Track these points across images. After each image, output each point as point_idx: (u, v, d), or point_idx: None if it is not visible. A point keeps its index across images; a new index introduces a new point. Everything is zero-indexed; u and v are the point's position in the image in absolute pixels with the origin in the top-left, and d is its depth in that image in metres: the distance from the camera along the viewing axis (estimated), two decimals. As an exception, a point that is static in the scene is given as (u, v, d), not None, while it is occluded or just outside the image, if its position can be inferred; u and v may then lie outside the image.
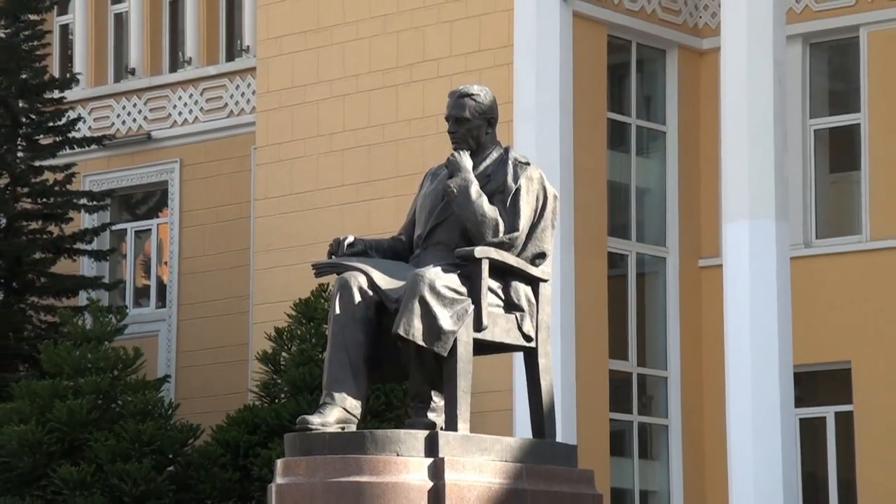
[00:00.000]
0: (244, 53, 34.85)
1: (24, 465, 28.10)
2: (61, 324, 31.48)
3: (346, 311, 15.19)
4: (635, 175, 31.23)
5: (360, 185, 29.96)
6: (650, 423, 30.96)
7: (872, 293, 29.18)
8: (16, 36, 33.84)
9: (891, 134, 29.60)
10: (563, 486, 16.04)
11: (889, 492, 28.77)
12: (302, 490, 15.16)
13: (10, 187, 33.74)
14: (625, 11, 30.48)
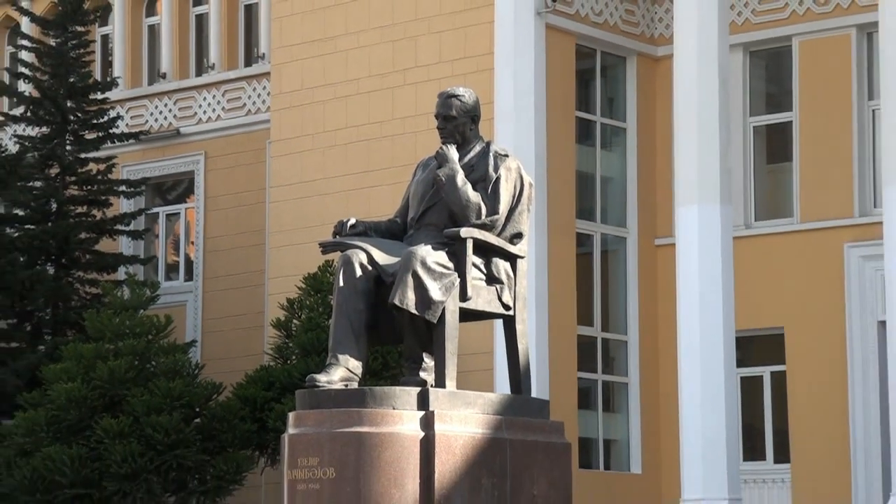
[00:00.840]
0: (260, 60, 34.71)
1: (71, 418, 28.02)
2: (103, 295, 31.38)
3: (348, 284, 15.19)
4: (600, 166, 31.15)
5: (360, 175, 29.88)
6: (612, 380, 30.91)
7: (802, 268, 29.16)
8: (64, 45, 33.68)
9: (818, 130, 29.59)
10: (538, 435, 16.01)
11: (816, 439, 28.79)
12: (310, 439, 15.14)
13: (60, 176, 33.62)
14: (590, 24, 30.40)
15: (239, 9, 35.98)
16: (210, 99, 35.81)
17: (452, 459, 15.04)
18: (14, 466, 28.25)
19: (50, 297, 32.96)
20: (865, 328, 28.67)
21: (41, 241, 33.05)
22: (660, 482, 29.74)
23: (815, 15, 29.75)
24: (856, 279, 28.92)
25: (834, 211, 29.40)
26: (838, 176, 29.44)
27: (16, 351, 32.43)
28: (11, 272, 32.15)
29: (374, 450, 14.79)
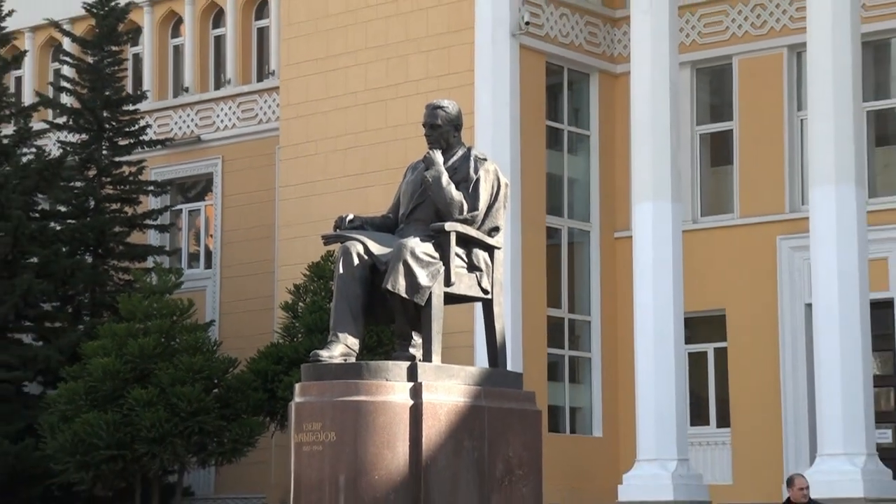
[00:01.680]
0: (271, 76, 34.60)
1: (106, 388, 27.92)
2: (134, 281, 31.33)
3: (347, 271, 15.10)
4: (567, 168, 31.06)
5: (358, 176, 29.79)
6: (577, 356, 30.84)
7: (741, 258, 29.12)
8: (101, 62, 33.56)
9: (754, 136, 29.55)
10: (512, 403, 15.94)
11: (752, 407, 28.75)
12: (314, 407, 15.05)
13: (97, 177, 33.51)
14: (558, 44, 30.32)
15: (252, 31, 35.86)
16: (227, 110, 35.69)
17: (438, 425, 14.97)
18: (57, 431, 28.16)
19: (88, 283, 32.85)
20: (794, 310, 28.64)
21: (80, 233, 32.95)
22: (618, 444, 29.67)
23: (752, 37, 29.75)
24: (786, 267, 28.88)
25: (768, 208, 29.35)
26: (772, 177, 29.40)
27: (59, 330, 32.38)
28: (55, 261, 32.05)
29: (370, 416, 14.72)
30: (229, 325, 33.57)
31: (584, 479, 28.72)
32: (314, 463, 14.86)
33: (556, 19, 30.37)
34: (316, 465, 14.85)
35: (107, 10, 33.69)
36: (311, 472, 14.89)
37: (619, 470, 27.64)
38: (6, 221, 31.04)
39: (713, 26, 30.22)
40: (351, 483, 14.65)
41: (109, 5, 33.71)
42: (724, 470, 28.91)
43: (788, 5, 29.10)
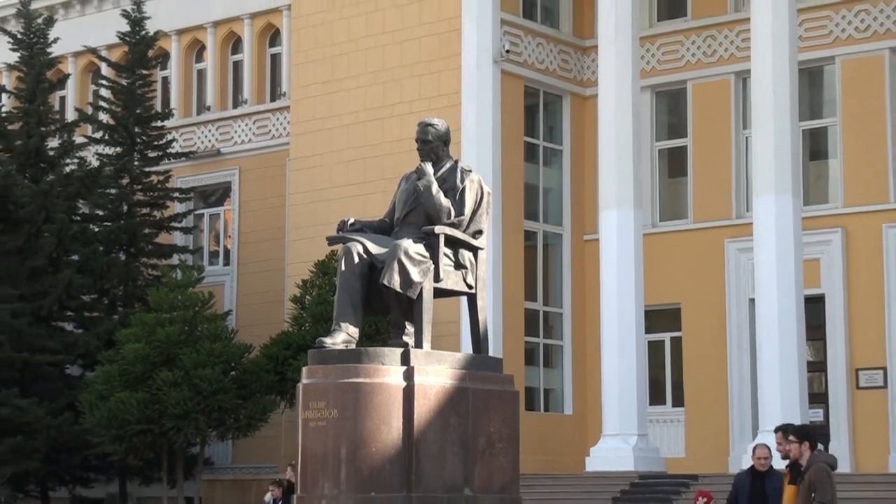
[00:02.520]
0: (282, 96, 34.52)
1: (136, 370, 27.85)
2: (162, 276, 31.24)
3: (348, 268, 15.05)
4: (542, 179, 31.03)
5: (358, 185, 29.74)
6: (551, 343, 30.82)
7: (694, 258, 29.11)
8: (133, 84, 33.47)
9: (706, 152, 29.54)
10: (493, 385, 15.89)
11: (703, 389, 28.73)
12: (319, 388, 15.00)
13: (129, 185, 33.40)
14: (535, 70, 30.29)
15: (266, 57, 35.77)
16: (244, 126, 35.61)
17: (428, 403, 14.94)
18: (95, 408, 28.10)
19: (122, 278, 32.76)
20: (740, 304, 28.67)
21: (115, 234, 32.84)
22: (586, 421, 29.62)
23: (704, 64, 29.77)
24: (733, 266, 28.90)
25: (717, 214, 29.36)
26: (720, 187, 29.42)
27: (96, 319, 32.28)
28: (93, 259, 31.99)
29: (368, 396, 14.69)
30: (245, 315, 33.48)
31: (556, 452, 28.69)
32: (319, 437, 14.83)
33: (533, 48, 30.36)
34: (321, 439, 14.83)
35: (138, 38, 33.57)
36: (316, 444, 14.86)
37: (587, 444, 27.63)
38: (52, 224, 30.99)
39: (670, 55, 30.23)
40: (351, 455, 14.63)
41: (140, 34, 33.60)
42: (678, 444, 28.89)
43: (735, 36, 29.11)
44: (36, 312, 30.81)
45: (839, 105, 28.33)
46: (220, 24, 36.27)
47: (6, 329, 29.56)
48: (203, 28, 36.57)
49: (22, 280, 30.96)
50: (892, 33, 27.67)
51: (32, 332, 30.40)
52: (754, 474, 12.33)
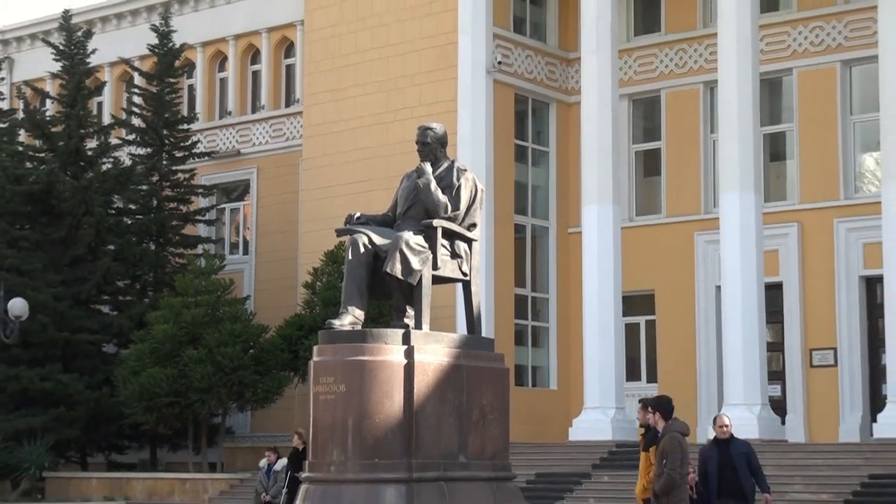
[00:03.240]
0: (296, 103, 34.46)
1: (165, 349, 27.90)
2: (187, 264, 31.22)
3: (355, 257, 15.02)
4: (530, 177, 30.99)
5: (364, 182, 29.68)
6: (538, 325, 30.80)
7: (666, 249, 29.10)
8: (162, 91, 33.47)
9: (678, 153, 29.52)
10: (485, 362, 15.87)
11: (674, 366, 28.73)
12: (328, 365, 14.97)
13: (159, 182, 33.38)
14: (524, 79, 30.24)
15: (282, 67, 35.69)
16: (261, 129, 35.56)
17: (426, 379, 14.92)
18: (128, 382, 28.15)
19: (152, 266, 32.80)
20: (707, 291, 28.65)
21: (146, 226, 32.89)
22: (570, 395, 29.62)
23: (676, 75, 29.75)
24: (702, 256, 28.89)
25: (687, 209, 29.34)
26: (690, 185, 29.41)
27: (129, 303, 32.33)
28: (127, 248, 32.07)
29: (372, 372, 14.67)
30: (262, 299, 33.45)
31: (542, 422, 28.67)
32: (328, 409, 14.82)
33: (522, 60, 30.31)
34: (330, 411, 14.81)
35: (166, 50, 33.53)
36: (326, 416, 14.85)
37: (570, 415, 27.63)
38: (90, 217, 31.03)
39: (645, 66, 30.18)
40: (357, 425, 14.62)
41: (168, 46, 33.55)
42: (651, 415, 28.92)
43: (704, 50, 29.07)
44: (76, 296, 30.85)
45: (796, 112, 28.32)
46: (240, 37, 36.19)
47: (50, 311, 29.59)
48: (225, 41, 36.50)
49: (64, 267, 30.99)
50: (843, 47, 27.65)
51: (73, 314, 30.44)
52: (719, 443, 12.32)
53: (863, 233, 26.76)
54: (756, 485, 12.17)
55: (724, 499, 12.05)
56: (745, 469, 12.18)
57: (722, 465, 12.10)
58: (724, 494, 12.05)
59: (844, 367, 27.04)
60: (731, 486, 12.09)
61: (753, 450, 12.53)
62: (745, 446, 12.30)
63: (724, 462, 12.11)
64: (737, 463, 12.17)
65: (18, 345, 28.45)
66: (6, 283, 28.22)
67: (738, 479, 12.05)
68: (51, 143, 32.49)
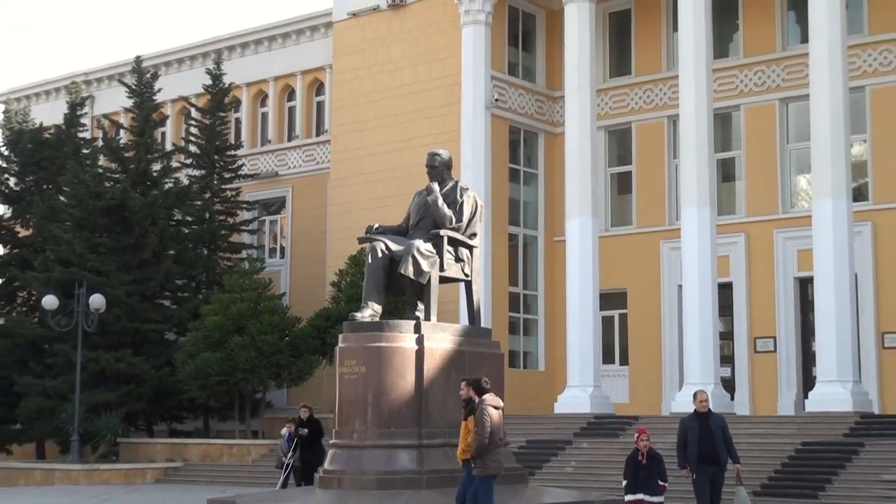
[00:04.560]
0: (325, 133, 34.53)
1: (216, 336, 27.89)
2: (234, 266, 31.21)
3: (374, 261, 15.07)
4: (522, 194, 30.94)
5: (382, 198, 29.68)
6: (528, 318, 30.76)
7: (637, 254, 29.12)
8: (213, 123, 33.52)
9: (646, 175, 29.54)
10: (484, 348, 15.91)
11: (642, 352, 28.74)
12: (351, 350, 14.99)
13: (210, 199, 33.42)
14: (517, 114, 30.22)
15: (313, 103, 35.77)
16: (296, 155, 35.62)
17: (434, 362, 14.96)
18: (185, 364, 28.17)
19: (205, 267, 32.83)
20: (671, 289, 28.64)
21: (200, 235, 32.89)
22: (555, 376, 29.61)
23: (644, 110, 29.74)
24: (666, 261, 28.89)
25: (654, 221, 29.35)
26: (657, 202, 29.42)
27: (186, 298, 32.31)
28: (185, 253, 32.12)
29: (388, 356, 14.71)
30: (295, 295, 33.48)
31: (532, 399, 28.67)
32: (351, 387, 14.86)
33: (516, 97, 30.31)
34: (352, 388, 14.85)
35: (217, 89, 33.61)
36: (349, 392, 14.89)
37: (555, 393, 27.61)
38: (155, 227, 31.06)
39: (619, 103, 30.18)
40: (376, 400, 14.64)
41: (219, 86, 33.64)
42: (623, 393, 28.88)
43: (668, 89, 29.08)
44: (143, 293, 30.89)
45: (743, 141, 28.33)
46: (278, 78, 36.31)
47: (122, 305, 29.64)
48: (266, 81, 36.63)
49: (133, 269, 31.03)
50: (782, 87, 27.66)
51: (141, 308, 30.48)
52: (699, 416, 12.06)
53: (797, 241, 26.74)
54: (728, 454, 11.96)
55: (704, 465, 11.82)
56: (721, 439, 11.94)
57: (702, 436, 11.88)
58: (703, 461, 11.83)
59: (782, 353, 27.03)
60: (710, 454, 11.86)
61: (727, 423, 12.31)
62: (720, 420, 12.12)
63: (704, 432, 11.90)
64: (714, 434, 11.94)
65: (97, 333, 28.56)
66: (88, 281, 28.34)
67: (715, 448, 11.83)
68: (124, 166, 32.55)
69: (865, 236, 25.80)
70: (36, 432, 31.07)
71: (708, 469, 11.76)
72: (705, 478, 11.75)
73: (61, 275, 29.58)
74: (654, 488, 12.10)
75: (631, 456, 12.29)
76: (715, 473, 11.78)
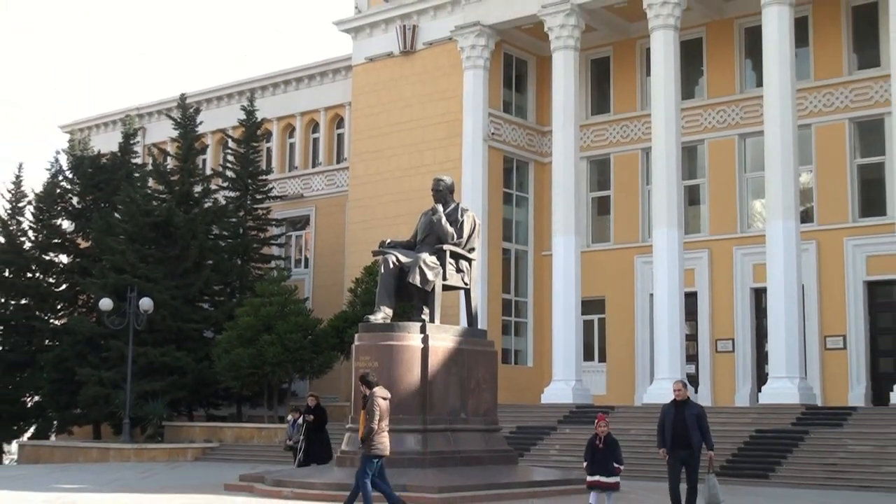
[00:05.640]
0: (344, 160, 34.56)
1: (248, 335, 27.86)
2: (264, 274, 31.25)
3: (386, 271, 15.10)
4: (514, 215, 30.93)
5: (393, 217, 29.74)
6: (519, 321, 30.72)
7: (614, 267, 29.09)
8: (247, 152, 33.59)
9: (623, 200, 29.56)
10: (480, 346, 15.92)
11: (618, 351, 28.64)
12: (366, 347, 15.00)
13: (244, 216, 33.42)
14: (510, 145, 30.20)
15: (334, 135, 35.75)
16: (318, 179, 35.62)
17: (437, 358, 15.00)
18: (221, 358, 28.16)
19: (239, 276, 32.77)
20: (644, 297, 28.60)
21: (235, 248, 32.82)
22: (543, 371, 29.57)
23: (621, 143, 29.74)
24: (639, 273, 28.88)
25: (629, 238, 29.35)
26: (632, 222, 29.42)
27: (223, 302, 32.25)
28: (221, 263, 32.09)
29: (398, 353, 14.75)
30: (317, 300, 33.47)
31: (521, 390, 28.66)
32: (367, 379, 14.88)
33: (510, 131, 30.35)
34: (368, 380, 14.87)
35: (251, 122, 33.67)
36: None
37: (542, 385, 27.62)
38: (196, 240, 31.10)
39: (599, 137, 30.19)
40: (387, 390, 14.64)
41: (252, 120, 33.68)
42: (601, 386, 28.83)
43: (641, 125, 29.14)
44: (185, 297, 30.91)
45: (707, 170, 28.36)
46: (304, 113, 36.35)
47: (167, 307, 29.67)
48: (293, 116, 36.69)
49: (177, 276, 31.05)
50: (740, 125, 27.69)
51: (183, 310, 30.50)
52: (676, 404, 11.66)
53: (753, 257, 26.75)
54: (703, 441, 11.58)
55: (676, 449, 11.50)
56: (695, 426, 11.38)
57: (676, 422, 11.52)
58: (676, 446, 11.49)
59: (739, 353, 27.01)
60: (682, 440, 11.48)
61: (704, 412, 11.85)
62: (696, 408, 11.57)
63: (678, 419, 11.54)
64: (688, 421, 11.45)
65: (146, 331, 28.56)
66: (138, 287, 28.39)
67: (688, 434, 11.44)
68: (170, 188, 32.61)
69: (811, 253, 25.83)
70: (93, 416, 31.10)
71: (679, 452, 11.49)
72: (676, 459, 11.53)
73: (115, 281, 29.65)
74: (610, 470, 11.83)
75: (590, 440, 11.99)
76: (686, 457, 11.49)
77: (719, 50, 28.27)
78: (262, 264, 33.31)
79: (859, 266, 25.54)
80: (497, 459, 15.92)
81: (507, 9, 28.74)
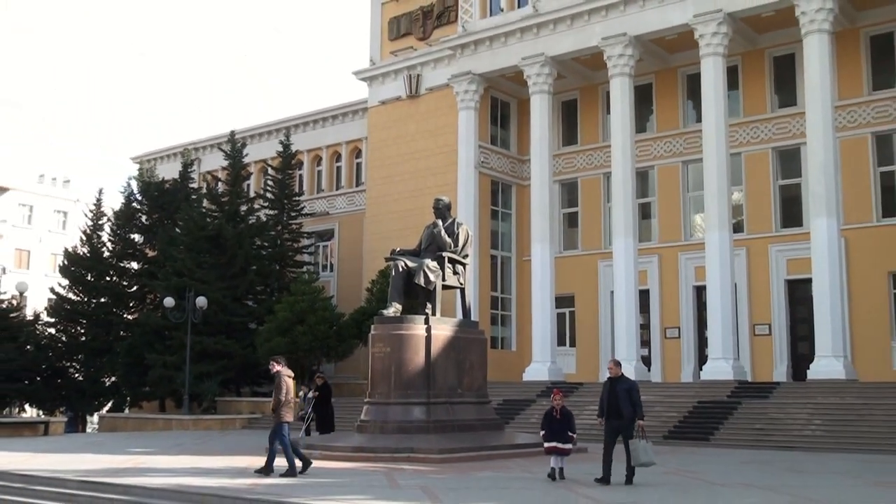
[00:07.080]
0: (362, 184, 34.56)
1: (284, 326, 27.82)
2: (297, 277, 31.16)
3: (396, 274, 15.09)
4: (500, 227, 30.93)
5: (401, 230, 29.74)
6: (505, 313, 30.67)
7: (581, 271, 29.08)
8: (284, 178, 33.62)
9: (589, 216, 29.52)
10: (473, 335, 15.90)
11: (586, 337, 28.59)
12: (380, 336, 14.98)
13: (281, 230, 33.38)
14: (497, 172, 30.17)
15: (354, 163, 35.66)
16: (341, 199, 35.55)
17: (438, 344, 14.99)
18: (262, 346, 28.07)
19: (277, 278, 32.65)
20: (606, 294, 28.55)
21: (274, 256, 32.71)
22: (524, 354, 29.50)
23: (587, 169, 29.69)
24: (602, 274, 28.82)
25: (594, 246, 29.29)
26: (595, 233, 29.37)
27: (263, 299, 32.09)
28: (263, 268, 31.96)
29: (406, 340, 14.75)
30: (341, 298, 33.39)
31: (506, 370, 28.61)
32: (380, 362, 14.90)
33: (496, 161, 30.34)
34: (381, 363, 14.89)
35: (286, 154, 33.63)
36: (378, 366, 14.93)
37: (523, 366, 27.60)
38: (242, 250, 31.04)
39: (569, 164, 30.13)
40: (397, 371, 14.67)
41: (288, 152, 33.64)
42: (572, 366, 28.77)
43: (603, 154, 29.14)
44: (233, 296, 30.86)
45: (656, 191, 28.36)
46: (330, 146, 36.27)
47: (219, 304, 29.65)
48: (321, 148, 36.62)
49: (227, 278, 31.01)
50: (683, 153, 27.72)
51: (232, 306, 30.47)
52: (611, 380, 11.66)
53: (695, 261, 26.74)
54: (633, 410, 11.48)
55: (610, 420, 11.44)
56: (626, 399, 11.24)
57: (610, 396, 11.51)
58: (609, 415, 11.44)
59: (684, 338, 26.99)
60: (614, 410, 11.45)
61: (636, 386, 11.61)
62: (627, 383, 11.40)
63: (611, 393, 11.54)
64: (619, 394, 11.41)
65: (201, 323, 28.51)
66: (195, 288, 28.41)
67: (619, 405, 11.41)
68: (220, 208, 32.61)
69: (742, 257, 25.86)
70: (159, 393, 31.03)
71: (613, 422, 11.37)
72: (610, 428, 11.37)
73: (177, 283, 29.66)
74: (566, 437, 11.71)
75: (548, 412, 11.86)
76: (618, 425, 11.34)
77: (666, 92, 28.34)
78: (295, 269, 33.20)
79: (781, 268, 25.59)
80: (487, 426, 15.96)
81: (493, 60, 28.86)
